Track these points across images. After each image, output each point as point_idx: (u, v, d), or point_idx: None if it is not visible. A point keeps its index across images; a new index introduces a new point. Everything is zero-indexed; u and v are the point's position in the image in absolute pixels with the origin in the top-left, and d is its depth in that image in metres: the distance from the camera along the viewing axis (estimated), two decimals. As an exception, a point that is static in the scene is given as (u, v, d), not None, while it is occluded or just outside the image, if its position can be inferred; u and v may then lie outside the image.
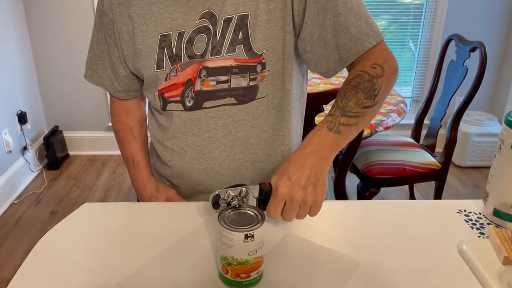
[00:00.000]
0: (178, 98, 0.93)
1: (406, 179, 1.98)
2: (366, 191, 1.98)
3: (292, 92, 0.95)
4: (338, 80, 2.21)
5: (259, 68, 0.90)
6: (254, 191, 0.76)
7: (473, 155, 2.93)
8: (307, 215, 0.75)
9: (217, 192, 0.76)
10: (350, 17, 0.84)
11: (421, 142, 2.22)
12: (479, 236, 0.82)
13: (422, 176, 1.98)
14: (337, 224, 0.86)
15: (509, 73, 2.98)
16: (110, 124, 3.04)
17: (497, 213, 0.85)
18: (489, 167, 2.33)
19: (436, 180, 2.02)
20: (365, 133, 1.68)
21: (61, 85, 2.97)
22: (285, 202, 0.72)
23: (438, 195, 2.07)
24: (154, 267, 0.74)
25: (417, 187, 2.70)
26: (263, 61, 0.89)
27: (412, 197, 2.48)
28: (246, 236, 0.64)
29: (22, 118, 2.72)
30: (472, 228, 0.84)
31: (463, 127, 2.88)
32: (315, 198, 0.72)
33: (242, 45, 0.88)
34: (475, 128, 2.89)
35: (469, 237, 0.81)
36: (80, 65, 1.05)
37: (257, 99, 0.92)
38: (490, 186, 0.86)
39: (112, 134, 1.12)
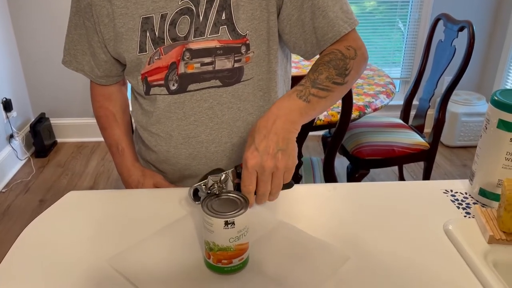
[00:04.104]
0: (162, 82, 0.92)
1: (395, 160, 1.99)
2: (356, 173, 1.99)
3: (277, 73, 0.94)
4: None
5: (243, 49, 0.88)
6: (231, 175, 0.76)
7: (462, 134, 2.95)
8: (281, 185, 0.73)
9: (195, 186, 0.76)
10: (328, 1, 0.84)
11: (410, 123, 2.23)
12: (465, 216, 0.82)
13: (411, 157, 1.99)
14: (325, 206, 0.86)
15: (497, 53, 2.99)
16: (97, 110, 3.01)
17: (483, 192, 0.85)
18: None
19: (425, 160, 2.04)
20: (354, 115, 1.67)
21: (46, 71, 2.92)
22: (258, 174, 0.71)
23: (426, 175, 2.08)
24: (142, 248, 0.74)
25: (406, 167, 2.72)
26: (247, 42, 0.88)
27: (401, 177, 2.50)
28: (226, 223, 0.64)
29: (7, 105, 2.68)
30: (458, 208, 0.85)
31: (451, 107, 2.89)
32: (286, 163, 0.71)
33: (225, 26, 0.86)
34: (463, 108, 2.91)
35: (455, 217, 0.81)
36: (64, 50, 1.02)
37: (243, 81, 0.91)
38: (476, 165, 0.86)
39: (101, 120, 1.10)
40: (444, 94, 1.94)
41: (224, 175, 0.74)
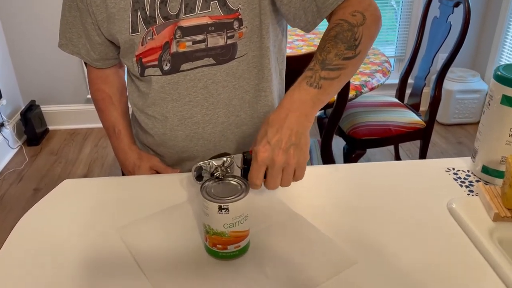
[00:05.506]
0: (156, 63, 0.89)
1: (392, 139, 1.97)
2: (352, 153, 1.98)
3: (270, 49, 0.92)
4: (321, 42, 2.16)
5: (236, 24, 0.85)
6: (238, 161, 0.73)
7: (457, 112, 2.95)
8: (292, 181, 0.70)
9: (199, 165, 0.73)
10: None
11: (405, 101, 2.21)
12: (468, 194, 0.81)
13: (407, 136, 1.98)
14: (328, 188, 0.85)
15: (492, 28, 2.96)
16: (89, 96, 2.96)
17: (485, 170, 0.84)
18: (472, 124, 2.33)
19: (421, 138, 2.03)
20: (350, 94, 1.65)
21: (34, 58, 2.85)
22: (268, 168, 0.68)
23: (423, 154, 2.08)
24: (148, 223, 0.74)
25: (402, 146, 2.71)
26: (240, 17, 0.85)
27: (397, 157, 2.50)
28: (220, 208, 0.63)
29: (-4, 93, 2.63)
30: (461, 186, 0.84)
31: (446, 84, 2.87)
32: (297, 158, 0.67)
33: (216, 1, 0.83)
34: (458, 85, 2.89)
35: (459, 196, 0.81)
36: (53, 36, 0.99)
37: (237, 58, 0.89)
38: (478, 143, 0.85)
39: (92, 107, 1.08)
40: (440, 72, 1.92)
41: (228, 159, 0.71)
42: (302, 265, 0.66)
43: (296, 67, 1.30)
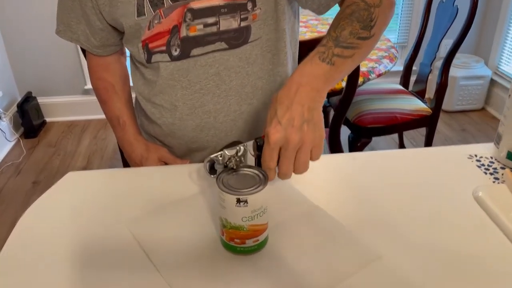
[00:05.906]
0: (164, 48, 0.84)
1: (398, 127, 1.94)
2: (358, 142, 1.94)
3: (286, 32, 0.87)
4: (325, 28, 2.11)
5: (249, 5, 0.81)
6: (251, 148, 0.69)
7: (460, 99, 2.91)
8: (309, 161, 0.65)
9: (210, 157, 0.69)
10: None
11: (410, 88, 2.17)
12: (493, 181, 0.78)
13: (413, 123, 1.94)
14: (346, 178, 0.81)
15: (495, 14, 2.92)
16: (86, 87, 2.90)
17: (510, 156, 0.81)
18: (476, 110, 2.30)
19: (427, 126, 2.00)
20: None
21: (30, 48, 2.79)
22: (281, 149, 0.63)
23: (428, 141, 2.05)
24: (159, 217, 0.72)
25: (406, 134, 2.68)
26: None
27: (401, 145, 2.46)
28: (238, 201, 0.59)
29: (-9, 85, 2.57)
30: (486, 173, 0.80)
31: (450, 71, 2.83)
32: (313, 135, 0.62)
33: None
34: (462, 71, 2.86)
35: (484, 183, 0.77)
36: (49, 25, 0.95)
37: (250, 42, 0.84)
38: (503, 128, 0.81)
39: (90, 98, 1.04)
40: (446, 58, 1.89)
41: (242, 148, 0.67)
42: (324, 260, 0.63)
43: (300, 53, 1.26)
